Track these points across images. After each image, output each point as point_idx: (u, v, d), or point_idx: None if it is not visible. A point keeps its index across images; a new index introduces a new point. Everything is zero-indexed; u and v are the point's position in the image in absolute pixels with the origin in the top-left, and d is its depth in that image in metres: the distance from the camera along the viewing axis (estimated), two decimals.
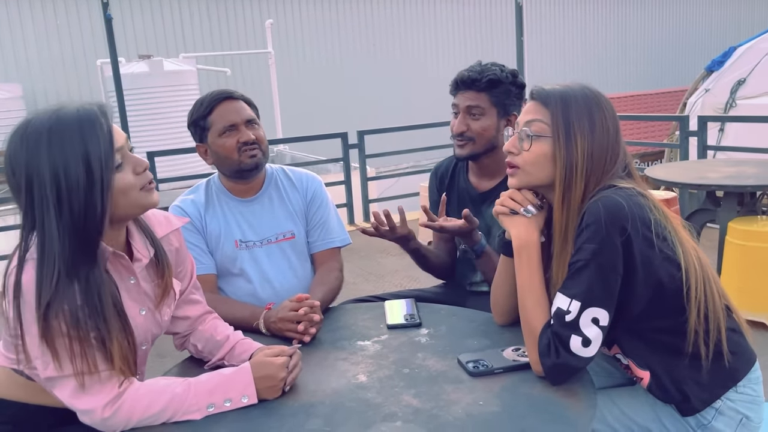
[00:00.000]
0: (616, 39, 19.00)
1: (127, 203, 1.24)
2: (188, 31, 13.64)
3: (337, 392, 1.30)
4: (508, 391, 1.26)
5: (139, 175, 1.25)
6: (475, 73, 1.88)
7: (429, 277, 2.23)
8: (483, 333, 1.54)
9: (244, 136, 1.80)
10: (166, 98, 9.95)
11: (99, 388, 1.19)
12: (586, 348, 1.24)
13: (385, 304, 1.73)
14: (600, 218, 1.23)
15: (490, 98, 1.88)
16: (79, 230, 1.16)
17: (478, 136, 1.89)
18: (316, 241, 1.94)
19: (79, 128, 1.16)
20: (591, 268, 1.23)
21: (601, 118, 1.33)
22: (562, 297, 1.27)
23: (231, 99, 1.82)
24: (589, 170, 1.31)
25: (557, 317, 1.26)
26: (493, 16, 17.04)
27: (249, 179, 1.87)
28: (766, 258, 3.13)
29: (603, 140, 1.32)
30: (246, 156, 1.81)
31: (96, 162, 1.16)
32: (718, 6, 20.95)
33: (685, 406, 1.33)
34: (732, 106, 8.08)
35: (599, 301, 1.24)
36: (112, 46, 5.07)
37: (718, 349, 1.32)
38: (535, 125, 1.35)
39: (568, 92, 1.35)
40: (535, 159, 1.35)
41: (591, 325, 1.24)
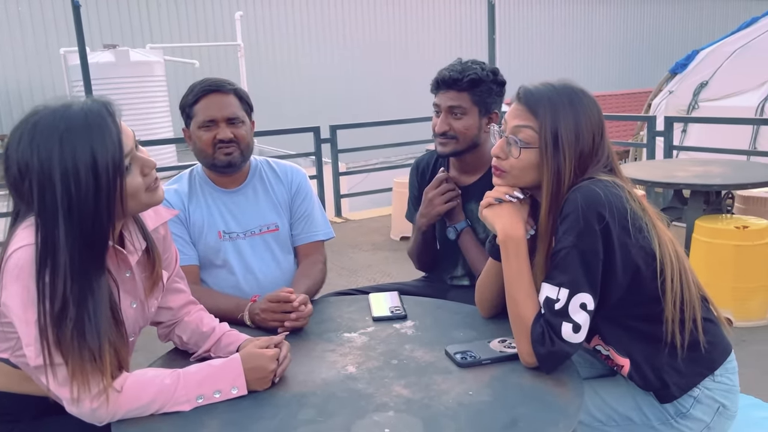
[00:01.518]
0: (582, 40, 19.31)
1: (134, 204, 1.23)
2: (155, 21, 13.39)
3: (327, 383, 1.30)
4: (497, 380, 1.28)
5: (146, 176, 1.24)
6: (456, 73, 1.87)
7: (401, 272, 2.25)
8: (468, 325, 1.56)
9: (221, 134, 1.77)
10: (133, 89, 9.77)
11: (88, 379, 1.17)
12: (576, 334, 1.27)
13: (370, 297, 1.74)
14: (578, 206, 1.26)
15: (471, 97, 1.88)
16: (87, 238, 1.15)
17: (460, 135, 1.89)
18: (300, 233, 1.93)
19: (88, 133, 1.14)
20: (573, 255, 1.27)
21: (587, 124, 1.35)
22: (549, 286, 1.29)
23: (219, 92, 1.79)
24: (574, 175, 1.34)
25: (546, 306, 1.29)
26: (464, 13, 17.14)
27: (224, 175, 1.86)
28: (730, 255, 3.23)
29: (589, 146, 1.35)
30: (221, 153, 1.79)
31: (104, 170, 1.14)
32: (681, 10, 21.45)
33: (664, 393, 1.37)
34: (695, 108, 8.30)
35: (585, 286, 1.27)
36: (80, 35, 4.96)
37: (694, 338, 1.36)
38: (523, 133, 1.36)
39: (556, 98, 1.35)
40: (523, 166, 1.37)
41: (579, 311, 1.27)
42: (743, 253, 3.21)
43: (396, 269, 4.61)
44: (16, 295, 1.14)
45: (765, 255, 3.29)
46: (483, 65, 1.92)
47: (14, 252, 1.15)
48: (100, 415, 1.18)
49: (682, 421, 1.38)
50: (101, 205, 1.15)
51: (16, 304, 1.14)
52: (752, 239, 3.20)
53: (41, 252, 1.13)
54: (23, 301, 1.14)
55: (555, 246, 1.31)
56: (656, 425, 1.40)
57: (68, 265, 1.13)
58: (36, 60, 12.17)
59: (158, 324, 1.52)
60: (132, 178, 1.21)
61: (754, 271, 3.24)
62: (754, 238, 3.21)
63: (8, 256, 1.16)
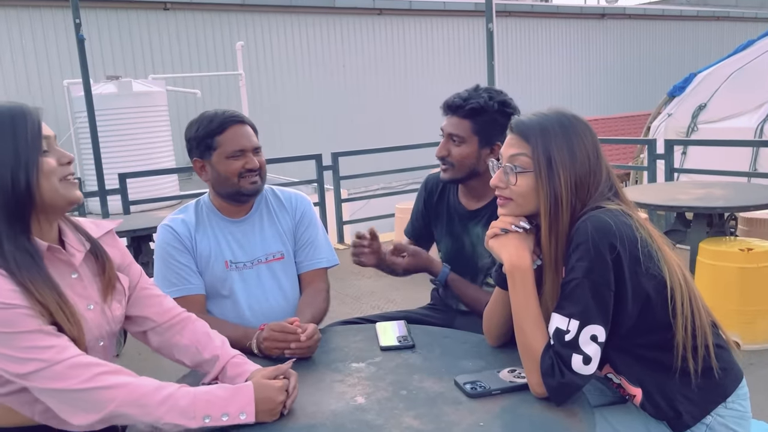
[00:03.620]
0: (581, 64, 19.49)
1: (50, 189, 1.28)
2: (157, 52, 13.55)
3: (336, 414, 1.29)
4: (507, 412, 1.27)
5: (62, 165, 1.31)
6: (459, 99, 1.88)
7: (405, 299, 2.25)
8: (477, 354, 1.55)
9: (250, 163, 1.81)
10: (135, 119, 9.84)
11: (75, 369, 1.20)
12: (586, 366, 1.26)
13: (377, 326, 1.73)
14: (589, 237, 1.26)
15: (472, 126, 1.88)
16: (9, 203, 1.24)
17: (457, 162, 1.90)
18: (303, 261, 1.93)
19: (10, 116, 1.26)
20: (585, 286, 1.26)
21: (581, 146, 1.36)
22: (559, 317, 1.29)
23: (243, 123, 1.83)
24: (574, 198, 1.35)
25: (556, 337, 1.28)
26: (463, 39, 17.33)
27: (245, 203, 1.88)
28: (735, 277, 3.22)
29: (584, 167, 1.36)
30: (247, 182, 1.82)
31: (23, 142, 1.25)
32: (678, 33, 21.69)
33: (677, 422, 1.36)
34: (694, 130, 8.35)
35: (596, 317, 1.27)
36: (84, 67, 5.01)
37: (707, 365, 1.35)
38: (518, 159, 1.38)
39: (546, 124, 1.38)
40: (523, 191, 1.38)
41: (590, 343, 1.26)
42: (748, 276, 3.20)
43: (400, 296, 4.60)
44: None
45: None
46: (493, 94, 1.90)
47: None
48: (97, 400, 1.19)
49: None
50: (18, 173, 1.24)
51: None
52: (757, 261, 3.20)
53: None
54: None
55: (566, 276, 1.31)
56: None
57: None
58: (39, 91, 12.28)
59: (144, 333, 1.51)
60: (48, 159, 1.28)
61: (759, 293, 3.23)
62: (759, 260, 3.20)
63: None
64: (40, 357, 1.19)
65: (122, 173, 5.11)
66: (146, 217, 4.78)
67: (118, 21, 13.03)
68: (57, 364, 1.19)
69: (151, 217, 4.59)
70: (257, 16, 14.66)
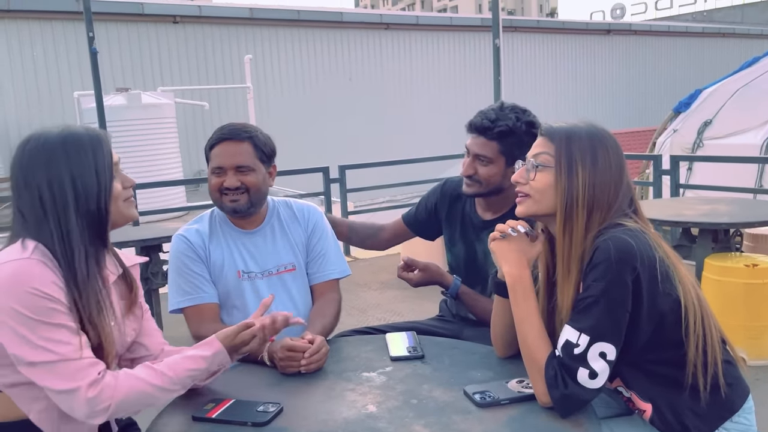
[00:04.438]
0: (586, 80, 19.57)
1: (115, 209, 1.42)
2: (166, 65, 13.69)
3: (348, 422, 1.32)
4: (516, 421, 1.30)
5: (125, 188, 1.46)
6: (488, 121, 1.89)
7: (411, 311, 2.28)
8: (485, 365, 1.58)
9: (228, 182, 1.82)
10: (144, 131, 9.95)
11: (83, 370, 1.27)
12: (592, 380, 1.28)
13: (387, 337, 1.76)
14: (611, 257, 1.28)
15: (499, 147, 1.89)
16: (95, 223, 1.38)
17: (484, 181, 1.93)
18: (315, 272, 1.97)
19: (90, 143, 1.39)
20: (601, 304, 1.28)
21: (604, 154, 1.40)
22: (570, 330, 1.31)
23: (233, 140, 1.83)
24: (591, 202, 1.37)
25: (565, 349, 1.31)
26: (468, 54, 17.43)
27: (235, 218, 1.91)
28: (741, 293, 3.23)
29: (605, 174, 1.39)
30: (226, 200, 1.84)
31: (102, 171, 1.39)
32: (684, 49, 21.75)
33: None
34: (699, 146, 8.37)
35: (607, 336, 1.29)
36: (96, 79, 5.09)
37: (715, 381, 1.37)
38: (540, 157, 1.43)
39: (573, 128, 1.43)
40: (540, 187, 1.41)
41: (598, 359, 1.28)
42: (754, 291, 3.21)
43: (405, 308, 4.62)
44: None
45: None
46: (520, 115, 1.91)
47: (12, 264, 1.28)
48: (98, 403, 1.25)
49: None
50: (101, 198, 1.38)
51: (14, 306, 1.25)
52: (762, 277, 3.21)
53: (59, 244, 1.33)
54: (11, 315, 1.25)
55: (582, 292, 1.33)
56: None
57: (81, 243, 1.34)
58: (49, 103, 12.42)
59: (131, 360, 1.56)
60: (116, 184, 1.43)
61: (765, 308, 3.24)
62: (764, 276, 3.22)
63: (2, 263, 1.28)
64: (55, 350, 1.26)
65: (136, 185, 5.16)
66: (156, 227, 4.83)
67: (128, 34, 13.19)
68: (68, 361, 1.26)
69: (160, 228, 4.63)
70: (265, 29, 14.82)
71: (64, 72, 12.58)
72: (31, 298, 1.25)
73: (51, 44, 12.60)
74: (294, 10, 15.49)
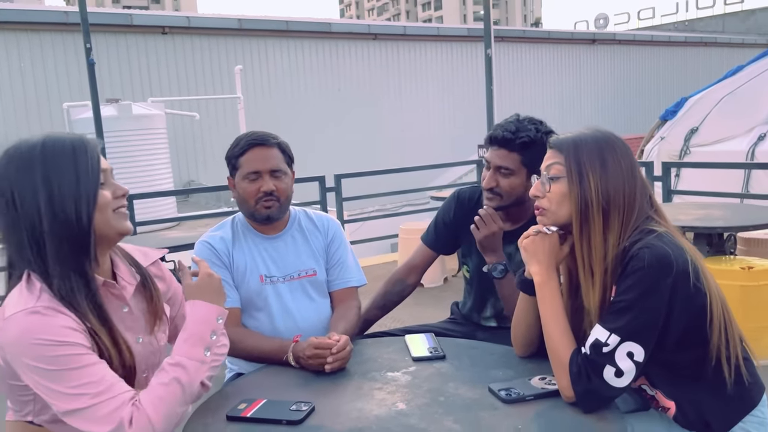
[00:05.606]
0: (573, 89, 19.80)
1: (103, 220, 1.30)
2: (155, 75, 13.69)
3: (381, 419, 1.36)
4: (542, 416, 1.35)
5: (116, 198, 1.34)
6: (509, 133, 1.91)
7: (411, 317, 2.30)
8: (505, 364, 1.62)
9: (265, 186, 1.87)
10: (135, 142, 9.93)
11: (120, 408, 1.21)
12: (618, 378, 1.33)
13: (406, 339, 1.81)
14: (648, 265, 1.32)
15: (521, 158, 1.92)
16: (74, 235, 1.25)
17: (506, 193, 1.95)
18: (335, 279, 2.01)
19: (72, 148, 1.28)
20: (635, 309, 1.33)
21: (612, 156, 1.45)
22: (601, 329, 1.36)
23: (264, 146, 1.88)
24: (606, 205, 1.42)
25: (594, 348, 1.35)
26: (457, 63, 17.58)
27: (263, 225, 1.95)
28: (737, 295, 3.31)
29: (616, 176, 1.43)
30: (261, 206, 1.88)
31: (84, 175, 1.27)
32: (668, 58, 22.07)
33: (706, 431, 1.43)
34: (687, 153, 8.51)
35: (637, 338, 1.33)
36: (94, 90, 5.11)
37: (738, 376, 1.43)
38: (552, 168, 1.48)
39: (580, 136, 1.48)
40: (557, 198, 1.47)
41: (626, 359, 1.33)
42: (750, 294, 3.29)
43: (405, 314, 4.64)
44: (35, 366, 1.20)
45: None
46: (539, 125, 1.95)
47: (17, 317, 1.21)
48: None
49: None
50: (80, 204, 1.26)
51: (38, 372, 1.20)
52: (758, 279, 3.29)
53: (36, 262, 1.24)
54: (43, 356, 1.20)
55: (617, 296, 1.37)
56: None
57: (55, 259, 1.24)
58: (37, 114, 12.37)
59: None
60: (104, 192, 1.31)
61: (761, 310, 3.32)
62: (759, 278, 3.30)
63: (10, 316, 1.21)
64: (91, 392, 1.20)
65: (130, 195, 5.17)
66: (154, 237, 4.85)
67: (117, 45, 13.18)
68: (104, 402, 1.20)
69: (159, 238, 4.65)
70: (254, 40, 14.87)
71: (52, 83, 12.54)
72: (47, 351, 1.19)
73: (39, 56, 12.56)
74: (282, 21, 15.56)
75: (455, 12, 78.01)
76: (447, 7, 79.59)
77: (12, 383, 1.29)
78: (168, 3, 66.07)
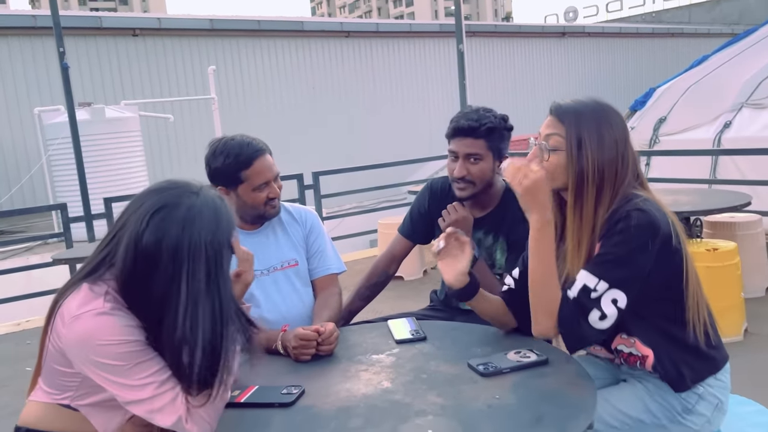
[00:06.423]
0: (543, 81, 20.03)
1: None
2: (127, 78, 13.56)
3: (367, 397, 1.45)
4: (519, 386, 1.45)
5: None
6: (473, 122, 2.03)
7: (393, 309, 2.39)
8: (484, 342, 1.72)
9: (273, 192, 1.98)
10: (109, 145, 9.87)
11: (175, 397, 1.32)
12: (601, 322, 1.46)
13: (389, 323, 1.89)
14: (639, 224, 1.44)
15: (487, 144, 2.04)
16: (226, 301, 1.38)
17: (477, 179, 2.06)
18: (316, 268, 2.09)
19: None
20: (622, 262, 1.45)
21: (609, 132, 1.54)
22: (589, 276, 1.47)
23: (264, 154, 1.97)
24: (600, 179, 1.52)
25: (583, 292, 1.47)
26: (429, 59, 17.68)
27: (246, 223, 2.03)
28: (704, 276, 3.42)
29: (612, 151, 1.53)
30: (270, 207, 2.00)
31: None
32: (636, 49, 22.42)
33: (678, 383, 1.55)
34: (656, 142, 8.72)
35: (624, 286, 1.46)
36: (69, 94, 5.10)
37: (707, 339, 1.56)
38: (552, 139, 1.57)
39: (581, 110, 1.57)
40: (553, 168, 1.56)
41: (610, 305, 1.46)
42: (715, 274, 3.43)
43: (387, 307, 4.70)
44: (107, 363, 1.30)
45: (735, 275, 3.54)
46: (494, 113, 2.08)
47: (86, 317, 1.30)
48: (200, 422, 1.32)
49: (687, 417, 1.55)
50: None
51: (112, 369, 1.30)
52: (722, 260, 3.44)
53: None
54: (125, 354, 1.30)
55: (605, 248, 1.48)
56: (665, 423, 1.56)
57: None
58: (7, 120, 12.20)
59: None
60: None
61: (726, 290, 3.47)
62: (724, 259, 3.45)
63: (79, 315, 1.31)
64: (158, 380, 1.31)
65: (108, 197, 5.18)
66: None
67: (86, 48, 13.04)
68: (168, 390, 1.31)
69: None
70: (227, 40, 14.81)
71: (21, 89, 12.36)
72: (115, 349, 1.29)
73: (7, 61, 12.38)
74: (254, 21, 15.51)
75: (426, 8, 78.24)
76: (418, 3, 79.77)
77: (60, 369, 1.38)
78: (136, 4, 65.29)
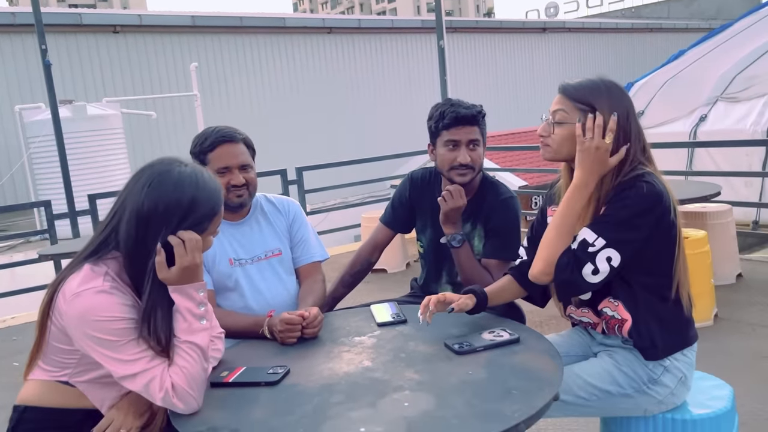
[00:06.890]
0: (524, 76, 20.20)
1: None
2: (108, 75, 13.51)
3: (349, 375, 1.53)
4: (491, 363, 1.54)
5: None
6: (471, 110, 2.16)
7: (375, 299, 2.46)
8: (461, 324, 1.81)
9: (234, 180, 2.02)
10: (92, 142, 9.86)
11: (162, 372, 1.42)
12: (593, 276, 1.57)
13: (371, 308, 1.98)
14: (645, 194, 1.56)
15: (480, 130, 2.19)
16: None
17: (477, 164, 2.17)
18: (299, 256, 2.17)
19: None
20: (625, 224, 1.56)
21: (619, 104, 1.64)
22: (589, 232, 1.59)
23: (232, 142, 2.03)
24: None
25: (582, 245, 1.59)
26: (410, 55, 17.76)
27: (232, 212, 2.09)
28: None
29: (622, 122, 1.63)
30: (233, 196, 2.03)
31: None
32: (615, 45, 22.66)
33: (650, 351, 1.66)
34: None
35: (620, 246, 1.57)
36: (51, 92, 5.12)
37: (684, 315, 1.68)
38: (558, 114, 1.70)
39: (589, 84, 1.69)
40: (559, 140, 1.70)
41: (604, 261, 1.57)
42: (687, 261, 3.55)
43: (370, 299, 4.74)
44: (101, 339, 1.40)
45: (705, 262, 3.67)
46: (473, 103, 2.22)
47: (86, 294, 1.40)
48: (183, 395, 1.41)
49: (652, 387, 1.67)
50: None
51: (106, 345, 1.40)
52: (693, 248, 3.57)
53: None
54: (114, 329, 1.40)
55: (610, 210, 1.60)
56: (631, 393, 1.67)
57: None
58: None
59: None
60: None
61: (696, 277, 3.56)
62: (694, 246, 3.57)
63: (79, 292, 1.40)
64: (148, 355, 1.42)
65: (92, 194, 5.22)
66: None
67: (67, 45, 12.97)
68: (157, 365, 1.42)
69: None
70: (208, 36, 14.79)
71: (1, 86, 12.27)
72: (111, 325, 1.39)
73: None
74: (236, 17, 15.50)
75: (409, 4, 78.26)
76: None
77: (60, 347, 1.47)
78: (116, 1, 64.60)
